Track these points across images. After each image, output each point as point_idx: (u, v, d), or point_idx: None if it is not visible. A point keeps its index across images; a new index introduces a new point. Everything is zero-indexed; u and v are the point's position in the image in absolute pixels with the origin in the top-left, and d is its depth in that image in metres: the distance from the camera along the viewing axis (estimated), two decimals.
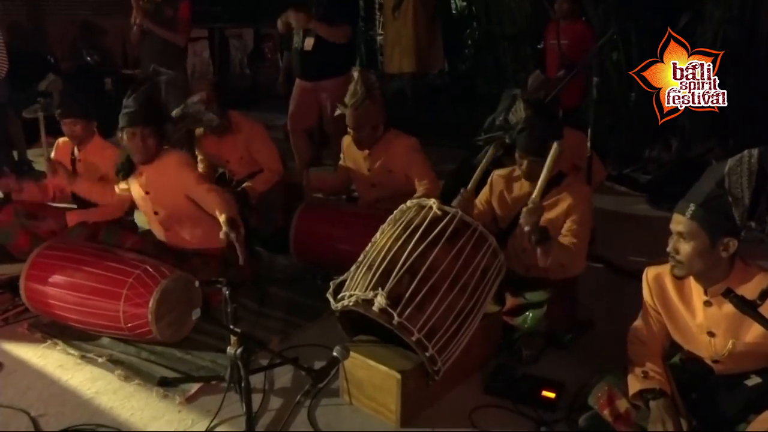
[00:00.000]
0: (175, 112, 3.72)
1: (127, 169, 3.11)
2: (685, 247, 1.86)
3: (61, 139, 3.59)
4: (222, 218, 2.85)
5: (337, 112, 3.41)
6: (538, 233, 2.38)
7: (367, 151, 3.42)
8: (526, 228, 2.35)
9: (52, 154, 3.61)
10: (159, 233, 3.25)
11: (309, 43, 4.48)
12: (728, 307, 1.82)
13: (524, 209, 2.37)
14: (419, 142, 3.46)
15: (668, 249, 1.91)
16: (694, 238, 1.84)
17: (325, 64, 4.41)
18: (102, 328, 2.76)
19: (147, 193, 3.12)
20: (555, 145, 2.43)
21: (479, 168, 2.76)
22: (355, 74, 3.29)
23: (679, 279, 1.96)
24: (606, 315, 2.90)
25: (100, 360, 2.67)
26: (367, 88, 3.23)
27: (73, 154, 3.53)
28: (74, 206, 3.56)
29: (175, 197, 3.08)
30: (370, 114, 3.28)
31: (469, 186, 2.74)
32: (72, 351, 2.75)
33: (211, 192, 3.01)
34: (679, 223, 1.87)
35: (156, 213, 3.17)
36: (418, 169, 3.36)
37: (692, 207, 1.84)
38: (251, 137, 3.83)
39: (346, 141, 3.56)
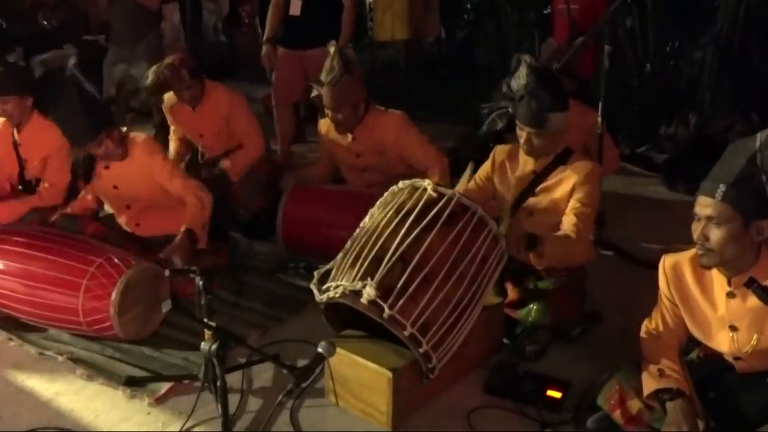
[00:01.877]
0: (147, 79, 3.69)
1: (87, 168, 3.06)
2: (717, 233, 1.84)
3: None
4: (183, 226, 2.92)
5: (314, 93, 3.35)
6: (526, 242, 2.39)
7: (350, 136, 3.37)
8: (508, 241, 2.37)
9: None
10: (128, 226, 3.23)
11: (296, 6, 4.36)
12: (753, 300, 1.83)
13: (501, 225, 2.38)
14: (412, 116, 3.42)
15: (695, 236, 1.88)
16: (726, 222, 1.82)
17: (314, 31, 4.27)
18: (57, 322, 2.74)
19: (115, 187, 3.09)
20: (469, 165, 2.43)
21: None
22: (331, 49, 3.20)
23: (707, 269, 1.95)
24: (617, 307, 2.91)
25: (60, 358, 2.66)
26: (345, 63, 3.16)
27: (13, 138, 3.47)
28: None
29: (148, 188, 3.07)
30: (349, 92, 3.20)
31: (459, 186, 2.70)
32: (29, 348, 2.73)
33: (187, 190, 3.05)
34: (707, 206, 1.85)
35: (128, 207, 3.16)
36: (418, 148, 3.30)
37: (722, 188, 1.81)
38: (231, 109, 3.77)
39: (324, 127, 3.49)
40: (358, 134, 3.34)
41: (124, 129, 3.10)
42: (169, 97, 3.88)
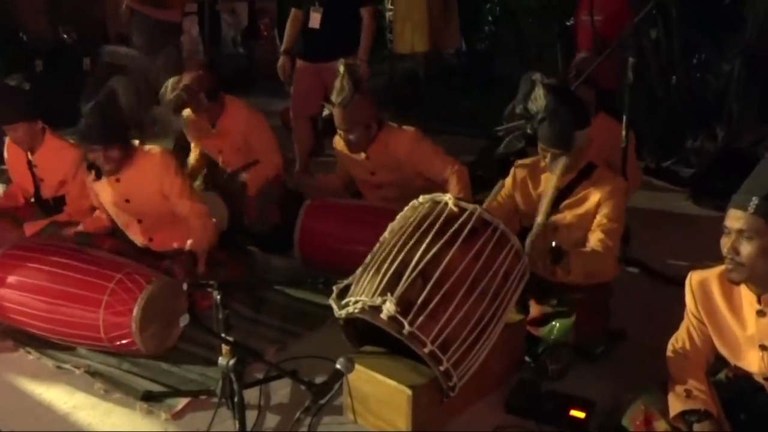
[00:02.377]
0: (165, 97, 3.74)
1: (97, 169, 3.08)
2: (748, 247, 1.83)
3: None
4: (187, 245, 2.97)
5: (325, 112, 3.38)
6: (551, 255, 2.38)
7: (364, 154, 3.39)
8: (533, 254, 2.37)
9: (5, 154, 3.63)
10: (139, 241, 3.25)
11: (315, 19, 4.40)
12: None
13: (530, 235, 2.38)
14: (431, 129, 3.43)
15: (724, 250, 1.88)
16: (759, 236, 1.81)
17: (333, 44, 4.30)
18: (77, 339, 2.76)
19: (127, 201, 3.12)
20: (564, 159, 2.44)
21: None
22: (341, 68, 3.23)
23: (736, 284, 1.94)
24: (642, 325, 2.88)
25: (77, 371, 2.69)
26: (355, 82, 3.19)
27: (28, 158, 3.52)
28: None
29: (159, 202, 3.10)
30: (360, 112, 3.23)
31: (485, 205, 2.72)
32: (47, 361, 2.76)
33: (192, 213, 3.09)
34: (738, 219, 1.84)
35: (140, 221, 3.19)
36: (433, 161, 3.31)
37: (755, 200, 1.80)
38: (249, 127, 3.81)
39: (339, 143, 3.52)
40: (372, 152, 3.37)
41: (136, 142, 3.12)
42: (187, 112, 3.94)
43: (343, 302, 2.33)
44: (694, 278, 2.07)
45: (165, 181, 3.06)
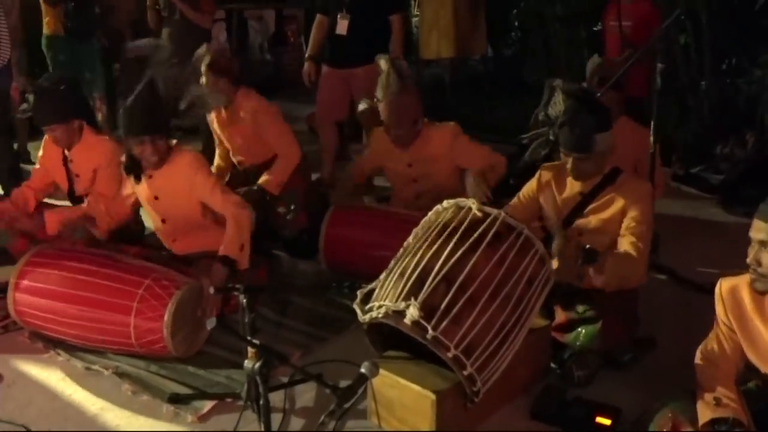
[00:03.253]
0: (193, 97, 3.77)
1: (137, 169, 3.11)
2: None
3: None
4: (221, 249, 2.92)
5: (362, 106, 3.37)
6: (583, 256, 2.37)
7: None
8: (563, 260, 2.38)
9: (40, 152, 3.66)
10: (165, 242, 3.29)
11: (342, 25, 4.42)
12: None
13: (555, 244, 2.38)
14: None
15: (748, 260, 1.87)
16: None
17: (360, 50, 4.29)
18: (108, 345, 2.80)
19: (156, 198, 3.15)
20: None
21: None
22: (384, 64, 3.23)
23: (761, 294, 1.92)
24: (670, 333, 2.86)
25: (106, 373, 2.73)
26: (402, 78, 3.19)
27: (64, 153, 3.56)
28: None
29: (187, 203, 3.11)
30: (409, 107, 3.23)
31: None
32: (76, 362, 2.81)
33: (226, 206, 3.04)
34: (761, 230, 1.84)
35: (163, 221, 3.21)
36: (473, 151, 3.34)
37: None
38: (258, 118, 3.69)
39: (377, 136, 3.54)
40: (413, 146, 3.37)
41: (174, 142, 3.15)
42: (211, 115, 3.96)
43: (367, 307, 2.34)
44: (724, 285, 2.05)
45: (196, 181, 3.05)
